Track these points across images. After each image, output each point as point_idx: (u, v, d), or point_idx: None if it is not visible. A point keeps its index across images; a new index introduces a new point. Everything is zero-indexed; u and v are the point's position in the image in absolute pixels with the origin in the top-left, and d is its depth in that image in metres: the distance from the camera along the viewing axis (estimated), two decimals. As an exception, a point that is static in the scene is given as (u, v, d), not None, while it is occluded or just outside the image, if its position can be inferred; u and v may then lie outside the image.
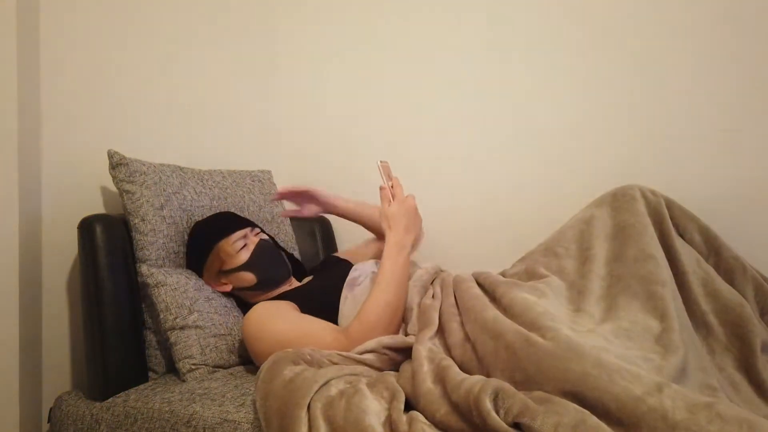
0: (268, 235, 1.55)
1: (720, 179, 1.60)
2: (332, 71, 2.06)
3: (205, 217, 1.51)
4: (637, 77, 1.67)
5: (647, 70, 1.66)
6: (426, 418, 0.92)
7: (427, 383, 0.96)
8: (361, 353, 1.13)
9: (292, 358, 1.05)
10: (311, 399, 0.94)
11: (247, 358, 1.36)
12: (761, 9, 1.54)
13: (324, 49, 2.06)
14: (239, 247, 1.39)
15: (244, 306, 1.44)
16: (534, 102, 1.79)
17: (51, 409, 1.29)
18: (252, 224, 1.49)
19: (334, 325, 1.25)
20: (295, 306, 1.33)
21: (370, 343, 1.14)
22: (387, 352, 1.14)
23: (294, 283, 1.51)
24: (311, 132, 2.10)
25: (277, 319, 1.24)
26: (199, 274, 1.43)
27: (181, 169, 1.54)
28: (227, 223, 1.45)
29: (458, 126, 1.89)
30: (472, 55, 1.86)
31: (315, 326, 1.23)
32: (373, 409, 0.92)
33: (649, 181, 1.66)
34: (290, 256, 1.61)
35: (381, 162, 1.30)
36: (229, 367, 1.34)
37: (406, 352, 1.15)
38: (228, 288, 1.42)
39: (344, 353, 1.12)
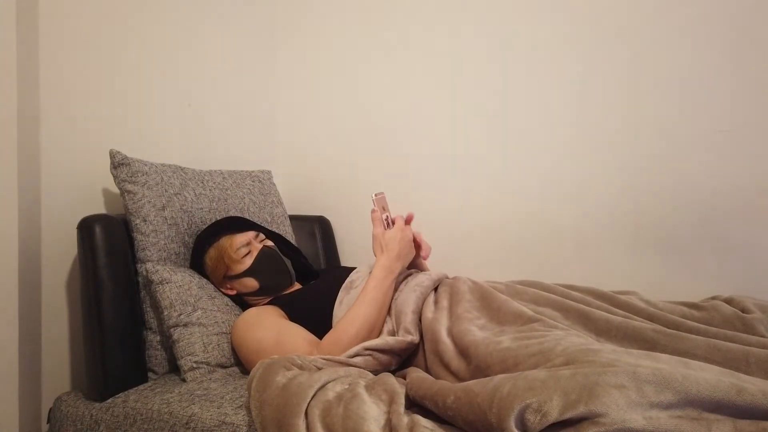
0: (275, 238, 1.55)
1: (718, 180, 1.60)
2: (333, 71, 2.05)
3: (205, 221, 1.52)
4: (636, 79, 1.67)
5: (646, 72, 1.66)
6: (437, 405, 0.91)
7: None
8: (348, 357, 1.14)
9: (283, 364, 1.03)
10: (308, 405, 0.93)
11: (246, 359, 1.36)
12: (759, 9, 1.54)
13: (324, 49, 2.06)
14: (243, 253, 1.42)
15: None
16: (533, 104, 1.79)
17: (50, 409, 1.29)
18: (258, 229, 1.50)
19: (311, 336, 1.26)
20: (282, 312, 1.35)
21: (354, 348, 1.15)
22: (372, 353, 1.15)
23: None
24: (311, 132, 2.09)
25: (259, 327, 1.27)
26: (204, 274, 1.44)
27: (182, 169, 1.54)
28: (233, 223, 1.47)
29: (460, 127, 1.89)
30: (475, 59, 1.85)
31: (292, 335, 1.24)
32: (372, 414, 0.92)
33: (648, 182, 1.67)
34: (299, 262, 1.61)
35: (376, 195, 1.35)
36: (229, 367, 1.34)
37: (391, 353, 1.16)
38: (233, 293, 1.45)
39: (329, 357, 1.13)
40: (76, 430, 1.21)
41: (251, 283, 1.43)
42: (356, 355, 1.14)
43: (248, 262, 1.41)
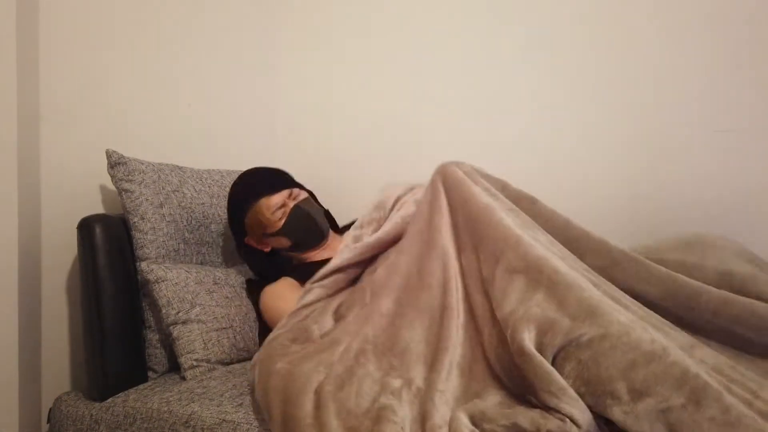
0: (307, 191, 1.59)
1: (718, 180, 1.59)
2: (333, 70, 2.05)
3: (206, 215, 1.54)
4: (635, 78, 1.67)
5: (645, 71, 1.66)
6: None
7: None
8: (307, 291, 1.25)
9: (279, 351, 1.07)
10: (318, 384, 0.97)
11: (247, 353, 1.38)
12: (760, 8, 1.54)
13: (325, 48, 2.06)
14: (279, 215, 1.48)
15: (276, 268, 1.54)
16: (532, 103, 1.78)
17: (50, 409, 1.28)
18: (292, 185, 1.55)
19: None
20: (294, 282, 1.45)
21: (306, 287, 1.26)
22: (321, 283, 1.25)
23: (330, 242, 1.56)
24: (312, 132, 2.09)
25: (276, 301, 1.41)
26: (242, 230, 1.51)
27: (180, 168, 1.54)
28: (267, 181, 1.53)
29: (462, 127, 1.89)
30: (477, 59, 1.85)
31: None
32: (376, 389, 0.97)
33: (649, 182, 1.66)
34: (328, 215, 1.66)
35: None
36: (229, 363, 1.34)
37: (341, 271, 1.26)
38: (267, 249, 1.53)
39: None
40: (76, 430, 1.21)
41: (284, 242, 1.51)
42: (307, 292, 1.24)
43: (281, 222, 1.48)
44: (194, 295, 1.33)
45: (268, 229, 1.49)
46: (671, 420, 0.84)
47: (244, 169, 1.82)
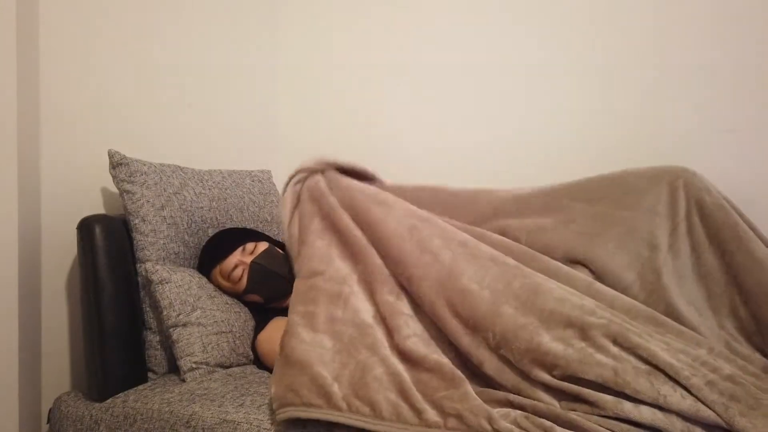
0: (268, 239, 1.54)
1: (719, 180, 1.59)
2: (333, 70, 2.06)
3: (205, 219, 1.52)
4: (637, 78, 1.67)
5: (646, 70, 1.66)
6: None
7: None
8: None
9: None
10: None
11: (246, 358, 1.38)
12: (761, 7, 1.54)
13: (325, 48, 2.06)
14: (238, 275, 1.42)
15: (263, 313, 1.48)
16: (533, 103, 1.79)
17: (50, 409, 1.29)
18: (241, 242, 1.46)
19: None
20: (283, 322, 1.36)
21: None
22: None
23: None
24: (312, 131, 2.09)
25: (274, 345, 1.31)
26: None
27: (181, 169, 1.54)
28: (216, 249, 1.47)
29: (463, 126, 1.89)
30: (477, 57, 1.86)
31: None
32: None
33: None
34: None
35: None
36: (229, 367, 1.34)
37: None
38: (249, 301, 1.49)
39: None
40: (76, 430, 1.21)
41: (256, 298, 1.46)
42: None
43: (244, 281, 1.43)
44: (196, 299, 1.33)
45: (235, 291, 1.45)
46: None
47: (244, 168, 1.82)
